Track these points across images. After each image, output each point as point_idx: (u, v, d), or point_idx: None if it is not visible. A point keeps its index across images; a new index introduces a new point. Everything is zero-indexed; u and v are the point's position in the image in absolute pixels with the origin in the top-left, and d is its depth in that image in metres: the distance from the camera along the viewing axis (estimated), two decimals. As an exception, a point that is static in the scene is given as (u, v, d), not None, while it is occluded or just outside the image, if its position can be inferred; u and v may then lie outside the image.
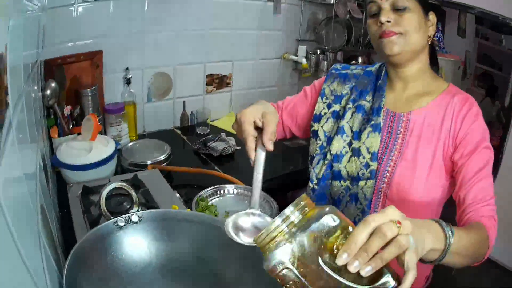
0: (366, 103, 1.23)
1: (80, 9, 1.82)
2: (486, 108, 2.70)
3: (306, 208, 0.64)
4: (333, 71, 1.35)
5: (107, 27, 1.94)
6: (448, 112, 1.12)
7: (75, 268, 0.71)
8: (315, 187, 1.25)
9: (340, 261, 0.59)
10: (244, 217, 0.83)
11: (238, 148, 2.06)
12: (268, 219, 0.83)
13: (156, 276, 0.90)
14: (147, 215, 0.91)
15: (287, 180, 1.94)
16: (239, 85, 2.62)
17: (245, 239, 0.78)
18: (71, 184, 1.34)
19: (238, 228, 0.81)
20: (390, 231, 0.60)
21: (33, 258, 0.59)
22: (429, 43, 1.16)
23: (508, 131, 2.38)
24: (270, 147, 0.91)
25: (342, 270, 0.60)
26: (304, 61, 2.66)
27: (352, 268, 0.58)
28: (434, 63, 1.23)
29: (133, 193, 1.17)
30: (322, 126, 1.28)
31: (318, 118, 1.30)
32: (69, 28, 1.80)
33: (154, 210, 0.94)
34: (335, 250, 0.60)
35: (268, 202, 1.46)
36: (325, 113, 1.29)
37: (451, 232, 0.77)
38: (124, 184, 1.17)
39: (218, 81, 2.50)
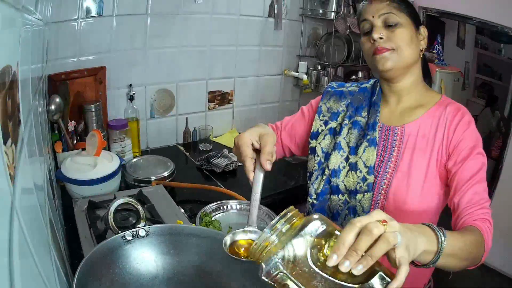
0: (361, 118, 1.26)
1: (83, 24, 1.84)
2: (486, 118, 2.72)
3: (294, 218, 0.67)
4: (329, 89, 1.39)
5: (110, 43, 1.97)
6: (441, 122, 1.14)
7: (84, 280, 0.72)
8: (314, 201, 1.27)
9: (331, 262, 0.61)
10: (241, 235, 0.85)
11: (240, 164, 2.06)
12: None
13: (162, 289, 0.91)
14: (154, 229, 0.93)
15: (288, 195, 1.94)
16: (241, 101, 2.64)
17: None
18: (77, 199, 1.35)
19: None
20: (377, 228, 0.63)
21: (47, 270, 0.60)
22: (421, 56, 1.19)
23: (508, 141, 2.39)
24: (268, 167, 0.92)
25: (335, 271, 0.62)
26: (304, 77, 2.69)
27: (344, 268, 0.61)
28: (426, 76, 1.26)
29: (140, 208, 1.18)
30: (319, 143, 1.30)
31: (315, 135, 1.32)
32: (72, 43, 1.83)
33: (161, 225, 0.96)
34: (326, 253, 0.63)
35: (270, 218, 1.47)
36: (322, 130, 1.32)
37: (443, 234, 0.80)
38: (132, 199, 1.19)
39: (220, 98, 2.52)
